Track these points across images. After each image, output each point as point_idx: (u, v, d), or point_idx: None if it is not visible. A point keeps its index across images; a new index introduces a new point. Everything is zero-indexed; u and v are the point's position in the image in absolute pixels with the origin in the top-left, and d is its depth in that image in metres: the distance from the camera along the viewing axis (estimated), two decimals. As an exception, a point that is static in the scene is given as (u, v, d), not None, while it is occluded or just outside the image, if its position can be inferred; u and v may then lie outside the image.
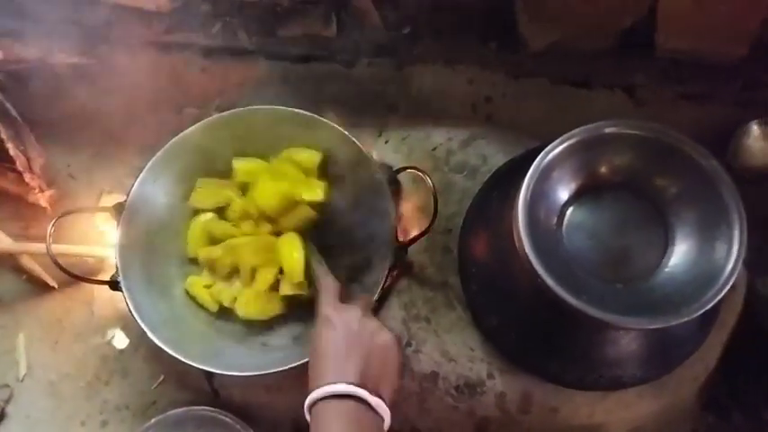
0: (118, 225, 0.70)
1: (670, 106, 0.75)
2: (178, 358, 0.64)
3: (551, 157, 0.54)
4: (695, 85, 0.74)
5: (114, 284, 0.68)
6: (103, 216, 0.81)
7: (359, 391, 0.48)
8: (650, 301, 0.52)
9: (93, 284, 0.74)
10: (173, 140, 0.73)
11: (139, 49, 0.87)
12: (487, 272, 0.63)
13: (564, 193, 0.57)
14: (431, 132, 0.76)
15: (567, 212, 0.57)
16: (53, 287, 0.86)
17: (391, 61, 0.82)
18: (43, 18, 0.85)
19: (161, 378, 0.80)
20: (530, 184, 0.53)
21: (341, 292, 0.59)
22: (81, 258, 0.83)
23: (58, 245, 0.73)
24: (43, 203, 0.87)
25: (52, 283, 0.86)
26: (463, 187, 0.71)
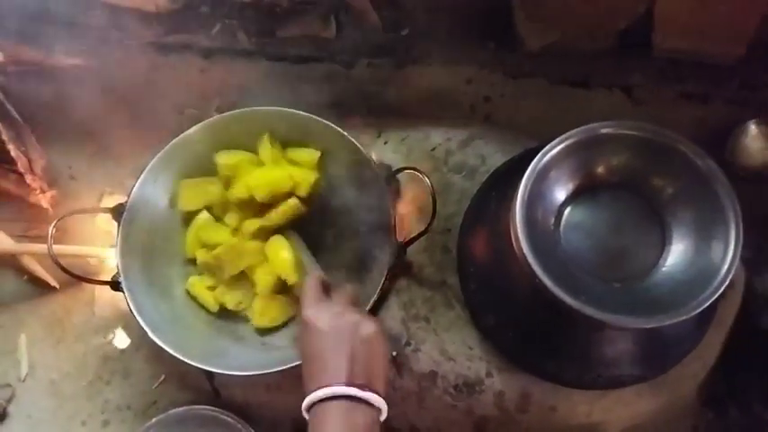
0: (119, 226, 0.70)
1: (668, 106, 0.75)
2: (179, 358, 0.64)
3: (549, 158, 0.54)
4: (693, 84, 0.74)
5: (115, 285, 0.68)
6: (104, 217, 0.81)
7: (349, 390, 0.48)
8: (648, 300, 0.53)
9: (95, 285, 0.75)
10: (173, 141, 0.73)
11: (139, 50, 0.87)
12: (486, 271, 0.63)
13: (561, 193, 0.57)
14: (429, 133, 0.76)
15: (565, 212, 0.57)
16: (54, 287, 0.86)
17: (390, 62, 0.82)
18: (44, 20, 0.85)
19: (162, 378, 0.80)
20: (527, 184, 0.53)
21: (324, 284, 0.59)
22: (82, 259, 0.84)
23: (59, 245, 0.74)
24: (44, 204, 0.87)
25: (53, 283, 0.86)
26: (462, 187, 0.71)
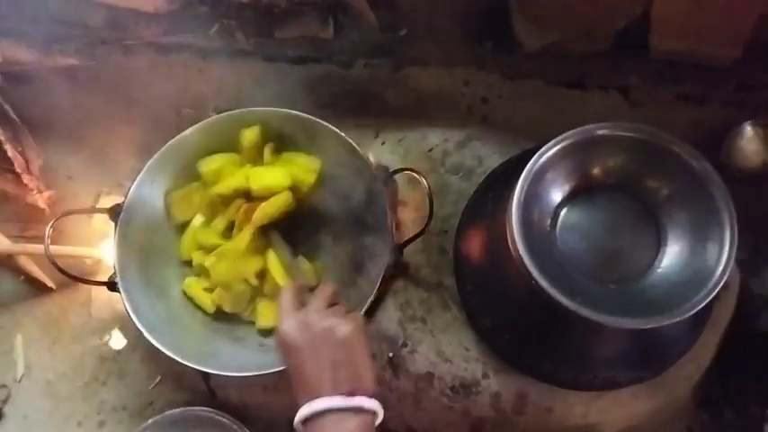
0: (116, 226, 0.70)
1: (664, 107, 0.75)
2: (175, 359, 0.64)
3: (545, 160, 0.55)
4: (689, 86, 0.74)
5: (112, 285, 0.68)
6: (101, 217, 0.81)
7: (334, 401, 0.47)
8: (643, 301, 0.53)
9: (91, 285, 0.75)
10: (170, 142, 0.73)
11: (137, 50, 0.87)
12: (482, 273, 0.63)
13: (557, 194, 0.57)
14: (427, 133, 0.77)
15: (561, 214, 0.57)
16: (51, 288, 0.86)
17: (388, 62, 0.82)
18: (41, 20, 0.85)
19: (158, 379, 0.80)
20: (523, 185, 0.54)
21: (300, 290, 0.57)
22: (79, 259, 0.84)
23: (56, 246, 0.74)
24: (41, 204, 0.87)
25: (50, 283, 0.86)
26: (459, 188, 0.71)
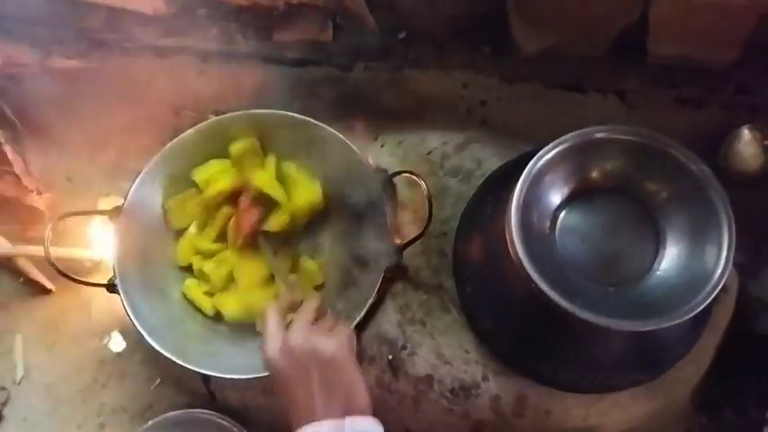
0: (115, 228, 0.70)
1: (662, 111, 0.75)
2: (175, 361, 0.64)
3: (543, 162, 0.55)
4: (687, 89, 0.74)
5: (111, 287, 0.68)
6: (101, 219, 0.81)
7: (325, 426, 0.46)
8: (642, 303, 0.53)
9: (91, 287, 0.74)
10: (170, 144, 0.73)
11: (137, 52, 0.87)
12: (482, 275, 0.63)
13: (556, 197, 0.57)
14: (426, 136, 0.77)
15: (560, 216, 0.58)
16: (50, 290, 0.86)
17: (387, 65, 0.82)
18: (42, 21, 0.86)
19: (158, 381, 0.80)
20: (522, 188, 0.54)
21: (284, 309, 0.56)
22: (78, 261, 0.84)
23: (55, 248, 0.74)
24: (41, 206, 0.87)
25: (49, 285, 0.86)
26: (458, 191, 0.72)
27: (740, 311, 0.67)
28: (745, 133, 0.72)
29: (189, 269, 0.75)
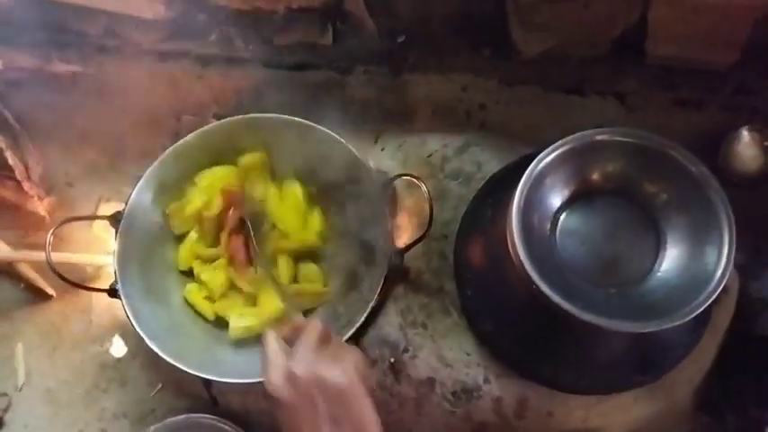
0: (116, 233, 0.70)
1: (662, 112, 0.75)
2: (176, 366, 0.64)
3: (544, 165, 0.55)
4: (686, 91, 0.75)
5: (113, 292, 0.68)
6: (101, 224, 0.81)
7: None
8: (643, 305, 0.53)
9: (92, 292, 0.75)
10: (170, 148, 0.74)
11: (137, 57, 0.87)
12: (482, 277, 0.63)
13: (557, 199, 0.57)
14: (426, 139, 0.77)
15: (561, 219, 0.58)
16: (51, 295, 0.86)
17: (386, 69, 0.82)
18: (42, 26, 0.86)
19: (159, 386, 0.80)
20: (523, 191, 0.54)
21: (286, 333, 0.52)
22: (79, 266, 0.84)
23: (56, 253, 0.74)
24: (41, 212, 0.87)
25: (50, 291, 0.86)
26: (458, 194, 0.72)
27: (741, 312, 0.67)
28: (745, 134, 0.72)
29: (190, 273, 0.75)
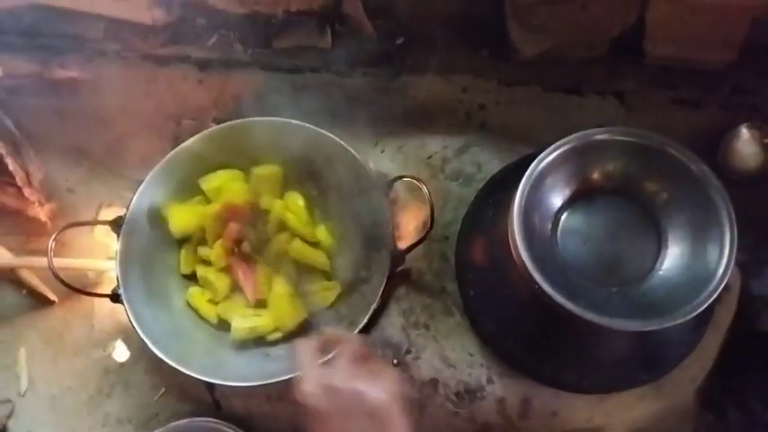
0: (118, 238, 0.70)
1: (660, 111, 0.76)
2: (179, 370, 0.64)
3: (544, 165, 0.55)
4: (685, 90, 0.75)
5: (115, 297, 0.68)
6: (103, 229, 0.81)
7: None
8: (644, 303, 0.53)
9: (94, 298, 0.75)
10: (171, 153, 0.74)
11: (136, 62, 0.87)
12: (484, 278, 0.64)
13: (558, 199, 0.57)
14: (426, 141, 0.77)
15: (562, 218, 0.58)
16: (53, 301, 0.86)
17: (386, 71, 0.82)
18: (41, 33, 0.86)
19: (162, 390, 0.80)
20: (524, 191, 0.54)
21: (322, 344, 0.51)
22: (81, 272, 0.84)
23: (58, 258, 0.74)
24: (43, 218, 0.87)
25: (52, 296, 0.86)
26: (459, 195, 0.72)
27: (742, 310, 0.67)
28: (744, 132, 0.72)
29: (192, 277, 0.75)
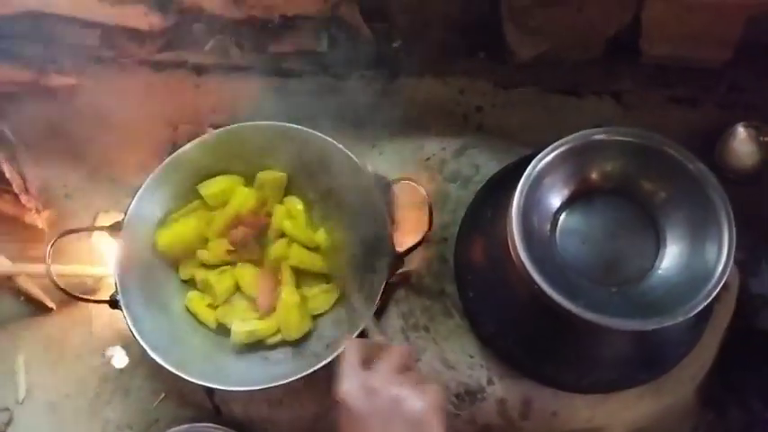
0: (116, 244, 0.70)
1: (657, 110, 0.76)
2: (179, 375, 0.64)
3: (543, 165, 0.55)
4: (681, 89, 0.75)
5: (113, 303, 0.68)
6: (101, 235, 0.81)
7: None
8: (644, 303, 0.53)
9: (92, 304, 0.74)
10: (168, 158, 0.73)
11: (133, 68, 0.88)
12: (483, 279, 0.64)
13: (556, 199, 0.58)
14: (424, 143, 0.77)
15: (560, 219, 0.58)
16: (51, 308, 0.86)
17: (383, 74, 0.83)
18: (37, 39, 0.86)
19: (162, 396, 0.79)
20: (522, 191, 0.54)
21: (368, 349, 0.50)
22: (79, 278, 0.83)
23: (56, 265, 0.73)
24: (40, 225, 0.87)
25: (50, 303, 0.85)
26: (457, 196, 0.72)
27: (741, 308, 0.67)
28: (741, 131, 0.72)
29: (191, 283, 0.75)
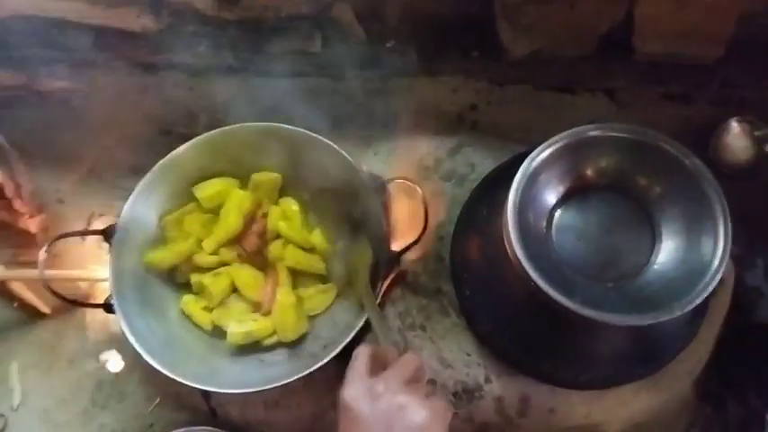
0: (110, 248, 0.70)
1: (651, 107, 0.76)
2: (174, 379, 0.63)
3: (538, 162, 0.55)
4: (675, 85, 0.76)
5: (108, 307, 0.67)
6: (95, 239, 0.80)
7: None
8: (640, 298, 0.53)
9: (87, 309, 0.74)
10: (162, 161, 0.73)
11: (126, 70, 0.87)
12: (479, 277, 0.64)
13: (552, 196, 0.58)
14: (418, 142, 0.77)
15: (556, 215, 0.58)
16: (46, 313, 0.85)
17: (376, 74, 0.83)
18: (28, 43, 0.85)
19: (158, 400, 0.79)
20: (518, 189, 0.54)
21: (378, 356, 0.50)
22: (74, 283, 0.83)
23: (50, 270, 0.73)
24: (33, 229, 0.86)
25: (44, 308, 0.85)
26: (452, 195, 0.72)
27: (737, 302, 0.67)
28: (734, 126, 0.73)
29: (186, 285, 0.74)
